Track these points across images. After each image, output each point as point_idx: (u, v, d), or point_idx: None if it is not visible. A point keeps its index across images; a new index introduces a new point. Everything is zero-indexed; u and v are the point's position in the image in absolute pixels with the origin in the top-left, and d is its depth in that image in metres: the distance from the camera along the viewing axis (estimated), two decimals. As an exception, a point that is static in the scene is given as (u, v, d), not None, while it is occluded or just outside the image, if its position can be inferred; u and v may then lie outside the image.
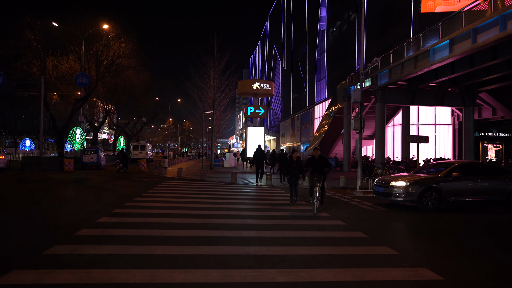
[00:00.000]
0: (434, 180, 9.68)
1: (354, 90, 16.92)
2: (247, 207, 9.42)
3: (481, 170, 10.35)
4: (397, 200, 9.83)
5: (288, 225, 7.30)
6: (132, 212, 8.09)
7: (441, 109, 30.02)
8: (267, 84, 23.29)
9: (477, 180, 9.85)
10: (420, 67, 17.43)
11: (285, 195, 12.39)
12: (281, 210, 9.11)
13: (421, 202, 9.49)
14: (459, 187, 9.73)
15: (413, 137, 17.98)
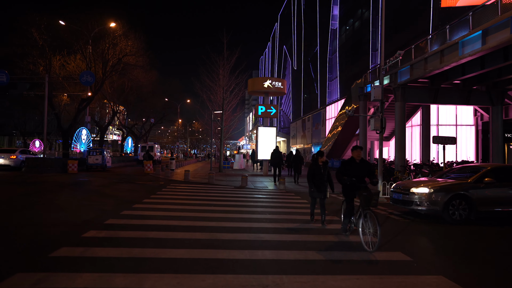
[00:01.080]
0: (462, 187, 8.37)
1: (374, 88, 15.61)
2: (260, 217, 8.23)
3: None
4: (418, 209, 8.54)
5: (312, 242, 6.07)
6: (127, 223, 6.96)
7: (462, 109, 28.40)
8: (279, 82, 22.07)
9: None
10: (447, 62, 16.02)
11: (300, 201, 11.17)
12: (299, 221, 7.89)
13: (447, 212, 8.20)
14: (493, 195, 8.33)
15: (438, 138, 16.55)
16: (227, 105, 25.50)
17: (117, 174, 20.90)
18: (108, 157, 25.42)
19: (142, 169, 23.95)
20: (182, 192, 12.58)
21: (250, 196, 12.20)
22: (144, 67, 31.84)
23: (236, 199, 11.28)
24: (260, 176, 21.54)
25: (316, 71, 60.10)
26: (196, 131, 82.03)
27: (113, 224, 6.80)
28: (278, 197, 12.23)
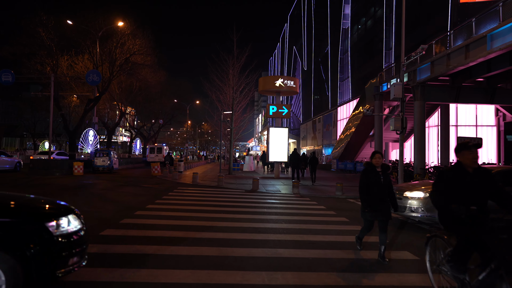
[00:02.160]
0: None
1: (394, 85, 14.63)
2: (275, 226, 7.33)
3: None
4: (412, 216, 7.56)
5: (341, 260, 5.15)
6: (126, 235, 6.14)
7: (483, 108, 27.11)
8: (291, 81, 21.17)
9: None
10: (473, 57, 14.92)
11: (317, 207, 10.24)
12: (321, 232, 6.98)
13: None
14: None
15: (463, 140, 15.46)
16: (237, 105, 24.69)
17: (124, 177, 20.23)
18: (115, 159, 24.80)
19: (150, 171, 23.27)
20: (190, 197, 11.75)
21: (262, 201, 11.31)
22: (153, 67, 31.28)
23: (248, 204, 10.40)
24: (272, 178, 20.64)
25: (326, 71, 58.99)
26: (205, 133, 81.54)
27: (109, 236, 5.98)
28: (293, 202, 11.32)
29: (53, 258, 3.05)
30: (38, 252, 2.94)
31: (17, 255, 2.88)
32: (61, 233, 3.13)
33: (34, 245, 2.95)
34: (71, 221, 3.29)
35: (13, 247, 2.91)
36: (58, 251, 3.07)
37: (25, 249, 2.91)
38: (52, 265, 3.04)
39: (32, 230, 3.03)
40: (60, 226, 3.15)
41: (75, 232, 3.26)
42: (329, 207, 10.33)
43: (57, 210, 3.42)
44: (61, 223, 3.18)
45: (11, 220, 3.06)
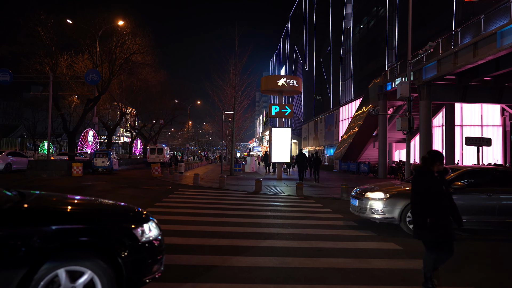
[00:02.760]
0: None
1: (400, 84, 14.26)
2: (281, 231, 6.94)
3: (501, 179, 7.32)
4: (373, 217, 7.29)
5: (356, 271, 4.76)
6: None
7: (488, 108, 26.69)
8: (294, 80, 20.78)
9: (491, 194, 6.92)
10: (482, 55, 14.52)
11: (323, 209, 9.84)
12: (329, 237, 6.58)
13: (405, 222, 6.94)
14: (463, 202, 6.86)
15: (471, 139, 15.09)
16: (238, 105, 24.33)
17: (123, 178, 19.86)
18: (115, 160, 24.43)
19: (150, 172, 22.89)
20: (190, 199, 11.37)
21: (266, 203, 10.92)
22: (153, 66, 30.91)
23: (251, 207, 10.01)
24: (274, 180, 20.25)
25: (328, 71, 58.63)
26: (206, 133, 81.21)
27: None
28: (297, 205, 10.93)
29: (141, 265, 3.07)
30: (128, 259, 2.96)
31: (111, 261, 2.89)
32: (146, 239, 3.14)
33: (124, 251, 2.96)
34: (152, 228, 3.30)
35: (107, 253, 2.91)
36: (145, 257, 3.10)
37: (116, 255, 2.91)
38: (141, 272, 3.07)
39: (122, 236, 3.03)
40: (144, 233, 3.16)
41: (156, 239, 3.27)
42: (336, 210, 9.94)
43: (139, 216, 3.40)
44: (145, 230, 3.19)
45: (103, 225, 3.06)
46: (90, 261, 2.80)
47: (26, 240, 2.68)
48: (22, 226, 2.76)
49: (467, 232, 7.39)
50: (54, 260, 2.73)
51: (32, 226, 2.77)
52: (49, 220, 2.86)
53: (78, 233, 2.86)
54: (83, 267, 2.78)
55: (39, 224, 2.80)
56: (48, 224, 2.80)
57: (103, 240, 2.94)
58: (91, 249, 2.88)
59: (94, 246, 2.90)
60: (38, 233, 2.74)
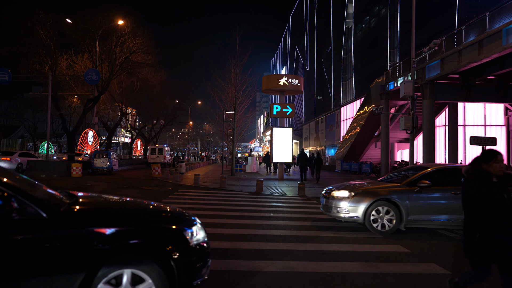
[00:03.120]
0: (390, 191, 6.96)
1: (404, 83, 14.04)
2: (284, 233, 6.72)
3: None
4: (339, 216, 7.20)
5: (363, 275, 4.53)
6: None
7: (492, 107, 26.46)
8: (296, 79, 20.57)
9: (457, 192, 6.67)
10: (487, 53, 14.29)
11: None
12: (333, 240, 6.37)
13: (369, 220, 6.85)
14: (426, 202, 6.79)
15: (476, 139, 14.84)
16: (239, 105, 24.14)
17: (123, 178, 19.66)
18: (114, 160, 24.24)
19: (151, 172, 22.70)
20: (191, 200, 11.16)
21: (268, 204, 10.70)
22: (153, 66, 30.75)
23: (253, 208, 9.80)
24: (276, 180, 20.03)
25: (329, 71, 58.42)
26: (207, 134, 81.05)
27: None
28: (300, 206, 10.71)
29: (191, 268, 3.04)
30: (180, 262, 2.94)
31: (163, 264, 2.87)
32: (195, 242, 3.11)
33: (176, 254, 2.93)
34: (199, 230, 3.27)
35: (159, 255, 2.88)
36: (195, 260, 3.07)
37: (169, 257, 2.88)
38: (192, 275, 3.04)
39: (173, 239, 3.01)
40: (193, 235, 3.13)
41: (203, 241, 3.24)
42: (339, 211, 9.70)
43: (187, 219, 3.34)
44: (194, 232, 3.16)
45: (155, 228, 3.00)
46: (144, 264, 2.78)
47: (85, 243, 2.64)
48: (79, 228, 2.70)
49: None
50: (111, 263, 2.70)
51: (90, 228, 2.72)
52: (105, 222, 2.81)
53: (132, 235, 2.82)
54: (139, 270, 2.76)
55: (96, 225, 2.75)
56: (104, 226, 2.76)
57: (156, 243, 2.89)
58: (145, 252, 2.84)
59: (147, 249, 2.86)
60: (96, 235, 2.70)
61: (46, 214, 2.64)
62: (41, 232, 2.57)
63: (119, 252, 2.75)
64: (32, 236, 2.55)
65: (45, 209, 2.67)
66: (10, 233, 2.51)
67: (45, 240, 2.55)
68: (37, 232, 2.57)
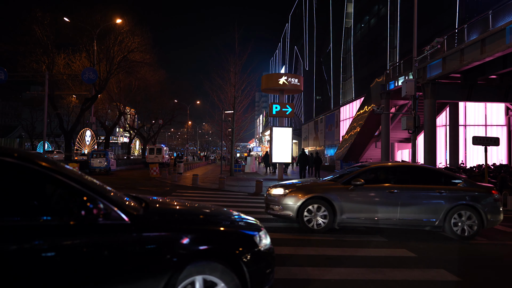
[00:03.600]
0: (325, 188, 6.94)
1: (406, 82, 13.84)
2: (286, 237, 6.49)
3: (407, 176, 7.11)
4: (274, 213, 7.25)
5: (366, 283, 4.30)
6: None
7: (493, 107, 26.28)
8: (296, 79, 20.36)
9: (394, 190, 6.70)
10: (490, 52, 14.08)
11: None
12: (334, 243, 6.13)
13: (302, 218, 6.82)
14: (360, 200, 6.73)
15: (479, 139, 14.59)
16: (239, 105, 23.91)
17: (121, 178, 19.42)
18: (112, 160, 23.98)
19: (149, 172, 22.46)
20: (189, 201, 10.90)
21: (267, 206, 10.45)
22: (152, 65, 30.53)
23: (253, 210, 9.56)
24: (275, 180, 19.80)
25: (328, 71, 58.22)
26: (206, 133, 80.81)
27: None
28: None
29: (262, 274, 2.99)
30: (252, 267, 2.88)
31: (236, 268, 2.81)
32: (264, 247, 3.06)
33: (247, 258, 2.88)
34: (265, 235, 3.21)
35: (231, 260, 2.83)
36: (265, 266, 3.02)
37: (241, 262, 2.83)
38: (261, 280, 2.98)
39: (245, 244, 2.96)
40: (261, 240, 3.07)
41: (270, 247, 3.16)
42: (341, 213, 9.47)
43: (254, 223, 3.26)
44: (262, 237, 3.10)
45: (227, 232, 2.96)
46: (218, 270, 2.74)
47: (163, 249, 2.61)
48: (157, 234, 2.64)
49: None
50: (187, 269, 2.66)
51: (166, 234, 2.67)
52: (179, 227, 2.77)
53: (205, 240, 2.79)
54: (213, 275, 2.72)
55: (171, 231, 2.71)
56: (179, 231, 2.72)
57: (228, 248, 2.86)
58: (217, 257, 2.80)
59: (220, 254, 2.82)
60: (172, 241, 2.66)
61: (128, 219, 2.58)
62: (125, 238, 2.52)
63: (194, 257, 2.70)
64: (118, 242, 2.49)
65: (126, 213, 2.61)
66: (99, 238, 2.45)
67: (128, 246, 2.50)
68: (121, 237, 2.51)
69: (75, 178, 2.54)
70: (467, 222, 6.68)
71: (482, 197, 6.79)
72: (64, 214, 2.43)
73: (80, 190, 2.49)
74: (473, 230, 6.67)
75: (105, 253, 2.42)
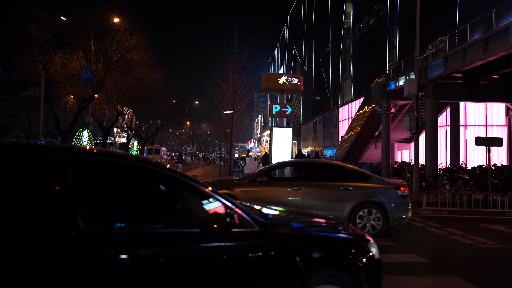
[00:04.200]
0: (232, 184, 7.15)
1: (408, 81, 13.63)
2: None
3: (314, 173, 7.21)
4: None
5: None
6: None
7: (493, 107, 26.16)
8: (296, 78, 20.15)
9: (298, 188, 6.72)
10: (493, 51, 13.88)
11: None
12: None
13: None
14: (264, 197, 6.76)
15: (482, 139, 14.41)
16: (238, 105, 23.70)
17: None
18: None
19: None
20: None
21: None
22: (150, 65, 30.23)
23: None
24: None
25: (327, 71, 58.06)
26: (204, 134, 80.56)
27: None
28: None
29: (377, 282, 2.93)
30: (369, 276, 2.82)
31: (355, 277, 2.76)
32: (376, 256, 3.01)
33: (366, 267, 2.84)
34: (374, 244, 3.14)
35: (349, 269, 2.77)
36: (379, 275, 2.97)
37: (360, 270, 2.78)
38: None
39: (362, 252, 2.91)
40: (373, 248, 3.03)
41: (379, 255, 3.08)
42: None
43: (363, 233, 3.17)
44: (373, 246, 3.05)
45: (343, 240, 2.93)
46: (341, 279, 2.71)
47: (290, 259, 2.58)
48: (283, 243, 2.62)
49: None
50: (316, 276, 2.62)
51: (292, 244, 2.65)
52: (302, 237, 2.76)
53: (325, 249, 2.76)
54: (337, 286, 2.68)
55: (294, 241, 2.69)
56: (301, 241, 2.71)
57: (346, 256, 2.82)
58: (340, 266, 2.78)
59: (342, 263, 2.80)
60: (298, 251, 2.63)
61: (258, 227, 2.58)
62: (257, 245, 2.53)
63: (319, 266, 2.67)
64: (252, 249, 2.52)
65: (255, 221, 2.62)
66: (239, 244, 2.50)
67: (261, 255, 2.52)
68: (254, 244, 2.54)
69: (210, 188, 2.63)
70: (372, 218, 6.60)
71: (388, 194, 6.69)
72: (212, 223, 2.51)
73: (219, 199, 2.56)
74: (379, 227, 6.60)
75: (245, 259, 2.47)
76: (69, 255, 2.00)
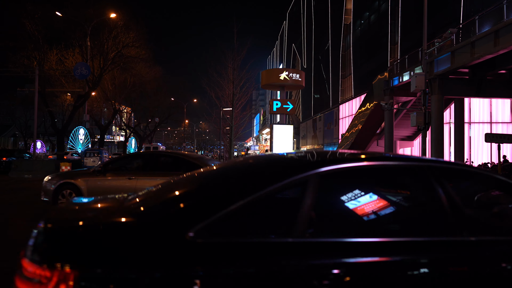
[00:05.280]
0: (76, 174, 7.76)
1: (415, 76, 13.12)
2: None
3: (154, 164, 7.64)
4: (43, 199, 7.80)
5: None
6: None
7: (498, 105, 25.66)
8: (297, 74, 19.62)
9: (132, 178, 7.11)
10: (504, 44, 13.36)
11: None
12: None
13: (56, 202, 7.46)
14: (104, 186, 7.22)
15: (491, 136, 13.94)
16: (237, 102, 23.18)
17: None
18: (106, 159, 23.14)
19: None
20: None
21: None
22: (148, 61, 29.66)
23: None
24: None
25: (327, 68, 57.46)
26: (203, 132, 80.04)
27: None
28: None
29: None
30: None
31: None
32: None
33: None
34: None
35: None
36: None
37: None
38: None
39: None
40: None
41: None
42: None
43: None
44: None
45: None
46: None
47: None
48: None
49: None
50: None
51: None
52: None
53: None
54: None
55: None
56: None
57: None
58: None
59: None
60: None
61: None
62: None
63: None
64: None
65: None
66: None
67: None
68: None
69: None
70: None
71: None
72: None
73: None
74: None
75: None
76: None
